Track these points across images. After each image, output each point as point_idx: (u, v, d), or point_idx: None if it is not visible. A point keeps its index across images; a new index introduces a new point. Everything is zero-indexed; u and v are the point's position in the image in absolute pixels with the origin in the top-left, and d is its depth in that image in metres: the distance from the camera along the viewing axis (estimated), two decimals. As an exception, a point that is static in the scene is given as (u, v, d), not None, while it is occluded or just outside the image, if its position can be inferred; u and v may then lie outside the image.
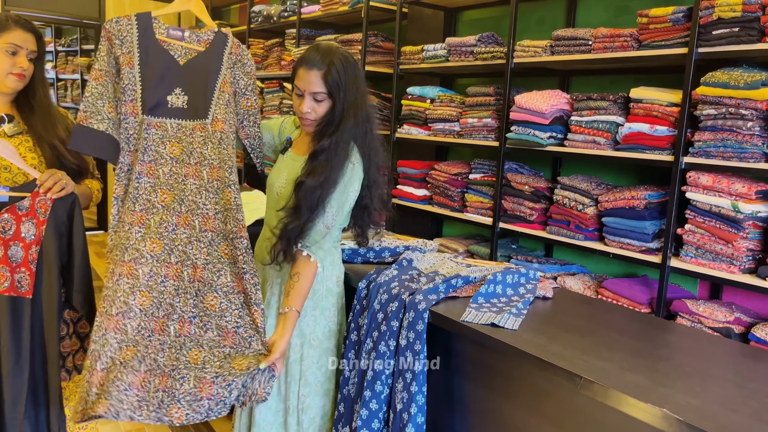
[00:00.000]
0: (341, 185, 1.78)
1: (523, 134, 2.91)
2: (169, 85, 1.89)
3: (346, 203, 1.81)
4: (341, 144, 1.77)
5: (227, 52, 1.94)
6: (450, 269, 1.96)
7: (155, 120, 1.87)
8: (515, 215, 3.04)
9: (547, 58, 2.86)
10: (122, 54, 1.84)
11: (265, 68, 5.15)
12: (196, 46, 1.93)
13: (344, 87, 1.76)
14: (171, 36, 1.90)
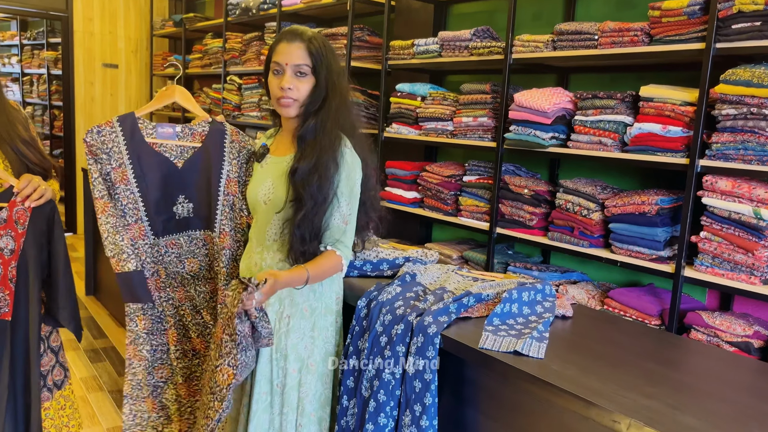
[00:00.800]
0: (344, 171, 1.62)
1: (522, 134, 2.74)
2: (172, 194, 1.77)
3: (354, 191, 1.65)
4: (328, 123, 1.62)
5: (228, 141, 1.80)
6: (457, 284, 1.78)
7: (170, 239, 1.78)
8: (513, 220, 2.87)
9: (549, 53, 2.69)
10: (113, 169, 1.68)
11: (243, 63, 4.92)
12: (191, 142, 1.76)
13: (327, 63, 1.62)
14: (162, 136, 1.72)
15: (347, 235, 1.62)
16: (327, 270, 1.60)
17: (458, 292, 1.71)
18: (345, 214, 1.61)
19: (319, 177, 1.57)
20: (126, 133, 1.69)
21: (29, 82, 8.70)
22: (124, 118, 1.71)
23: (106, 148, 1.67)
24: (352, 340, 1.66)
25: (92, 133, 1.68)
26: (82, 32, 6.27)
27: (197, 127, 1.78)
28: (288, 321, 1.67)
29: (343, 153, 1.61)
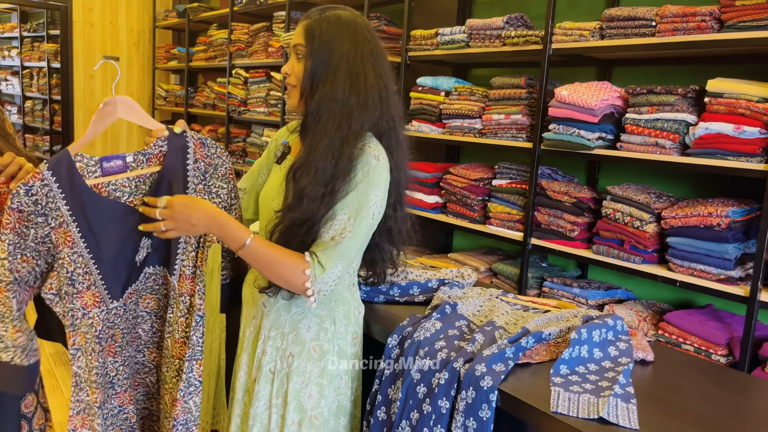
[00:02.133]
0: (361, 180, 1.30)
1: (564, 134, 2.43)
2: (132, 242, 1.40)
3: (366, 211, 1.31)
4: (323, 105, 1.31)
5: (191, 159, 1.43)
6: (507, 317, 1.47)
7: (130, 290, 1.45)
8: (551, 230, 2.56)
9: (596, 42, 2.37)
10: (53, 229, 1.32)
11: (249, 56, 4.61)
12: (147, 169, 1.40)
13: (326, 41, 1.32)
14: (108, 172, 1.36)
15: (330, 256, 1.27)
16: (278, 264, 1.27)
17: (510, 328, 1.40)
18: (338, 230, 1.28)
19: (313, 173, 1.28)
20: (63, 184, 1.32)
21: (29, 76, 8.43)
22: (57, 163, 1.32)
23: (40, 208, 1.32)
24: (381, 387, 1.36)
25: (19, 196, 1.29)
26: (82, 23, 5.99)
27: (153, 149, 1.42)
28: (291, 361, 1.37)
29: (364, 157, 1.31)
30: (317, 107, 1.31)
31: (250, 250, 1.26)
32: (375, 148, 1.33)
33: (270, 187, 1.47)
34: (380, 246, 1.46)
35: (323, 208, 1.28)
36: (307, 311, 1.39)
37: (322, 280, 1.27)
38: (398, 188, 1.41)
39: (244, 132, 4.83)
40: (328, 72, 1.31)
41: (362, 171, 1.30)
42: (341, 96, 1.30)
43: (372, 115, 1.33)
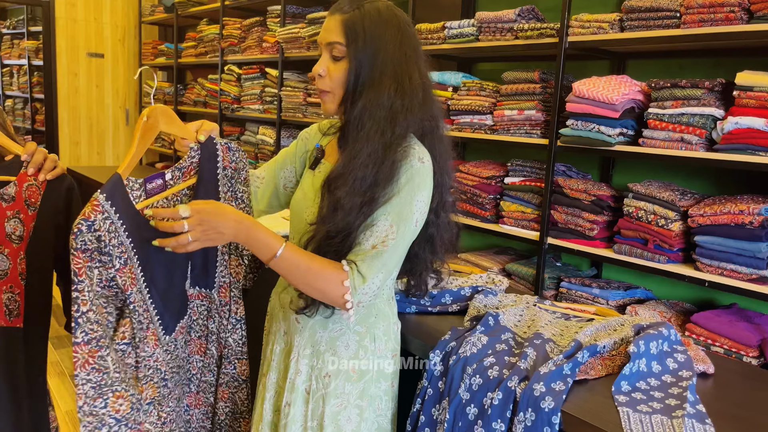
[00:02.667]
0: (405, 184, 1.20)
1: (582, 130, 2.35)
2: (179, 268, 1.31)
3: (410, 217, 1.21)
4: (367, 111, 1.20)
5: (220, 167, 1.35)
6: (551, 327, 1.39)
7: (180, 327, 1.35)
8: (569, 229, 2.48)
9: (615, 35, 2.29)
10: (118, 271, 1.16)
11: (242, 51, 4.48)
12: (183, 184, 1.31)
13: (370, 40, 1.21)
14: (151, 194, 1.24)
15: (371, 266, 1.18)
16: (314, 275, 1.17)
17: (559, 340, 1.31)
18: (379, 238, 1.18)
19: (348, 187, 1.18)
20: (122, 214, 1.16)
21: (9, 74, 8.19)
22: (112, 189, 1.16)
23: (104, 246, 1.14)
24: (423, 407, 1.27)
25: (82, 235, 1.11)
26: (65, 19, 5.80)
27: (186, 162, 1.33)
28: (327, 381, 1.27)
29: (408, 160, 1.21)
30: (360, 114, 1.20)
31: (282, 259, 1.16)
32: (419, 150, 1.24)
33: (302, 194, 1.36)
34: (420, 255, 1.37)
35: (360, 218, 1.19)
36: (345, 328, 1.29)
37: (362, 291, 1.17)
38: (441, 192, 1.31)
39: (238, 130, 4.70)
40: (373, 75, 1.21)
41: (406, 175, 1.20)
42: (386, 101, 1.20)
43: (416, 117, 1.24)
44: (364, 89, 1.21)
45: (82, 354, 1.12)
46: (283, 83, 4.04)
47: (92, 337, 1.12)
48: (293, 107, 3.97)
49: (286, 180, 1.49)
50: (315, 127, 1.50)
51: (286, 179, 1.49)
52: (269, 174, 1.51)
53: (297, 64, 4.08)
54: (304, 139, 1.49)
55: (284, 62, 4.06)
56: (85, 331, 1.11)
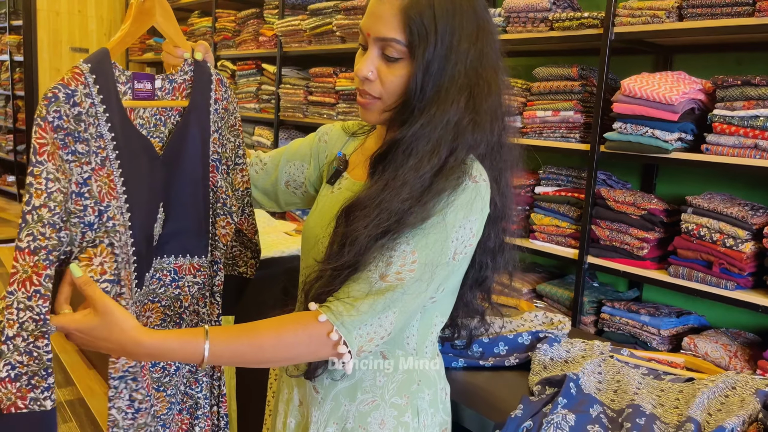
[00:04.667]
0: (447, 205, 0.89)
1: (633, 134, 2.04)
2: (152, 207, 1.03)
3: (445, 246, 0.89)
4: (424, 130, 0.89)
5: (212, 100, 1.11)
6: (646, 392, 1.07)
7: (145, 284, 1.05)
8: (614, 247, 2.17)
9: (672, 25, 1.99)
10: (93, 171, 0.90)
11: (237, 46, 4.15)
12: (171, 102, 1.05)
13: (442, 37, 0.88)
14: (138, 96, 1.02)
15: (373, 300, 0.85)
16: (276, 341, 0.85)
17: (666, 415, 1.00)
18: (392, 266, 0.86)
19: (369, 220, 0.87)
20: (105, 98, 0.93)
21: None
22: (98, 63, 0.93)
23: (83, 129, 0.89)
24: None
25: (58, 103, 0.86)
26: (47, 11, 5.45)
27: (179, 75, 1.08)
28: None
29: (455, 176, 0.89)
30: (416, 135, 0.88)
31: (218, 355, 0.84)
32: (473, 167, 0.92)
33: (319, 217, 1.04)
34: (470, 302, 1.05)
35: (376, 253, 0.87)
36: (379, 399, 0.97)
37: (357, 324, 0.85)
38: (499, 228, 0.99)
39: (232, 130, 4.37)
40: (441, 84, 0.89)
41: (451, 194, 0.89)
42: (453, 116, 0.89)
43: (483, 136, 0.92)
44: (426, 104, 0.90)
45: (23, 266, 0.81)
46: (281, 80, 3.72)
47: (41, 245, 0.81)
48: (293, 106, 3.65)
49: (290, 177, 1.19)
50: (338, 126, 1.18)
51: (291, 176, 1.19)
52: (272, 162, 1.22)
53: (297, 59, 3.76)
54: (323, 139, 1.17)
55: (283, 57, 3.74)
56: (33, 235, 0.80)
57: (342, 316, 0.84)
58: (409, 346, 0.98)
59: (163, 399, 1.14)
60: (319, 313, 0.85)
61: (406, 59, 0.90)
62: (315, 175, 1.17)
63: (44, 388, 0.85)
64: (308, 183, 1.18)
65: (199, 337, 0.83)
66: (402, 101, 0.92)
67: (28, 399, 0.84)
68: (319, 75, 3.45)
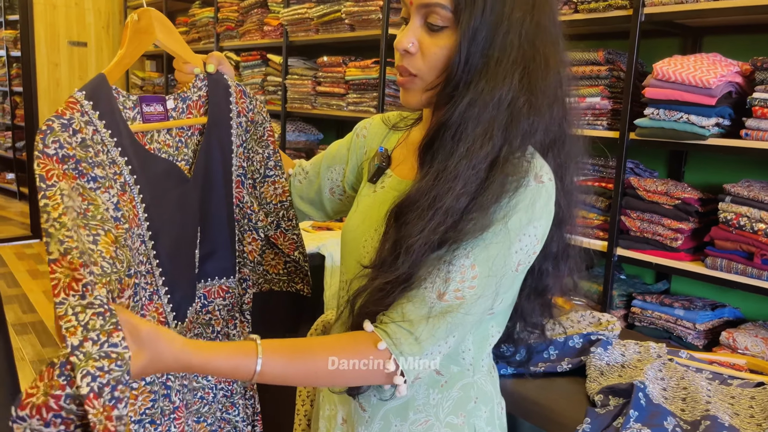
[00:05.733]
0: (509, 211, 0.79)
1: (666, 120, 1.95)
2: (189, 231, 0.98)
3: (508, 260, 0.80)
4: (473, 111, 0.79)
5: (234, 112, 1.06)
6: (718, 400, 0.99)
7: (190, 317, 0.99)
8: (645, 239, 2.08)
9: (707, 4, 1.88)
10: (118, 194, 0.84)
11: (241, 37, 4.04)
12: (187, 120, 0.99)
13: (492, 3, 0.78)
14: (148, 119, 0.95)
15: (434, 327, 0.78)
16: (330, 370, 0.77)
17: (742, 426, 0.92)
18: (451, 283, 0.78)
19: (425, 222, 0.78)
20: (109, 123, 0.87)
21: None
22: (94, 89, 0.87)
23: (93, 154, 0.82)
24: None
25: (54, 134, 0.78)
26: (44, 4, 5.32)
27: (192, 93, 1.02)
28: None
29: (518, 177, 0.80)
30: (464, 115, 0.79)
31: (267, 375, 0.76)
32: (537, 164, 0.83)
33: (360, 219, 0.95)
34: (527, 313, 0.96)
35: (433, 265, 0.78)
36: (433, 418, 0.88)
37: (417, 361, 0.78)
38: (561, 231, 0.90)
39: (237, 123, 4.27)
40: (491, 56, 0.79)
41: (513, 197, 0.79)
42: (506, 95, 0.79)
43: (544, 120, 0.82)
44: (473, 77, 0.80)
45: (62, 272, 0.71)
46: (288, 71, 3.61)
47: (71, 246, 0.72)
48: (300, 97, 3.55)
49: (333, 183, 1.11)
50: (377, 119, 1.08)
51: (333, 182, 1.10)
52: (313, 169, 1.13)
53: (304, 49, 3.65)
54: (361, 134, 1.08)
55: (289, 47, 3.63)
56: (60, 240, 0.72)
57: (401, 346, 0.77)
58: (465, 361, 0.89)
59: (204, 429, 1.08)
60: (378, 340, 0.77)
61: (451, 28, 0.80)
62: (353, 175, 1.08)
63: (126, 400, 0.69)
64: (346, 184, 1.09)
65: (250, 355, 0.75)
66: (445, 77, 0.82)
67: (113, 419, 0.67)
68: (328, 65, 3.35)
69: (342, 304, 0.96)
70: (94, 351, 0.67)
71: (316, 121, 3.86)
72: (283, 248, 1.12)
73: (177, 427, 0.95)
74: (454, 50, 0.80)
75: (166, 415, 0.92)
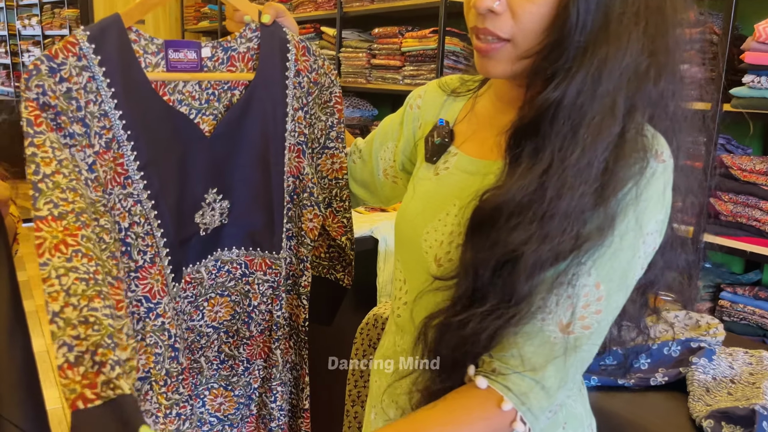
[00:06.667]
0: (631, 204, 0.63)
1: None
2: (194, 190, 0.88)
3: (634, 263, 0.65)
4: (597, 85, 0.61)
5: (291, 70, 0.92)
6: None
7: (186, 277, 0.91)
8: (738, 224, 1.85)
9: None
10: (98, 155, 0.77)
11: (294, 9, 3.91)
12: (228, 74, 0.90)
13: None
14: (175, 67, 0.85)
15: (563, 368, 0.63)
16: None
17: None
18: (575, 310, 0.63)
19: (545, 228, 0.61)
20: (111, 69, 0.78)
21: (51, 44, 7.89)
22: (102, 32, 0.78)
23: (76, 107, 0.75)
24: None
25: (40, 76, 0.72)
26: (102, -18, 5.34)
27: (237, 43, 0.90)
28: None
29: (639, 157, 0.63)
30: (580, 92, 0.61)
31: None
32: (652, 138, 0.65)
33: (420, 204, 0.80)
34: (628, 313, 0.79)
35: (544, 290, 0.63)
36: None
37: (546, 407, 0.63)
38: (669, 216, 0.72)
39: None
40: (611, 12, 0.62)
41: (637, 185, 0.63)
42: (629, 60, 0.62)
43: (668, 87, 0.66)
44: (590, 40, 0.62)
45: (51, 231, 0.66)
46: (342, 44, 3.46)
47: (66, 210, 0.68)
48: (354, 71, 3.39)
49: (386, 163, 0.96)
50: (433, 85, 0.92)
51: (386, 162, 0.96)
52: (367, 148, 1.00)
53: (358, 20, 3.49)
54: (414, 105, 0.92)
55: (343, 19, 3.47)
56: (53, 202, 0.67)
57: (529, 401, 0.62)
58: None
59: (230, 398, 1.01)
60: (500, 399, 0.62)
61: None
62: (405, 153, 0.92)
63: (114, 363, 0.64)
64: (398, 165, 0.94)
65: None
66: (549, 42, 0.64)
67: (98, 385, 0.63)
68: (383, 36, 3.18)
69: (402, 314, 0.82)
70: (73, 317, 0.63)
71: (370, 96, 3.71)
72: (330, 230, 1.01)
73: (185, 387, 0.89)
74: (558, 6, 0.62)
75: (174, 376, 0.86)
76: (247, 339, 0.99)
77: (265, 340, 0.99)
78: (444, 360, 0.66)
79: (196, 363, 0.97)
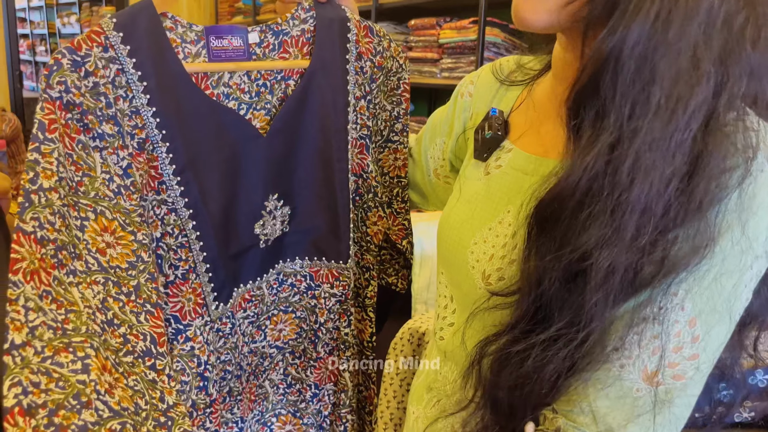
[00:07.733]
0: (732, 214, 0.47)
1: None
2: (250, 196, 0.78)
3: (738, 294, 0.49)
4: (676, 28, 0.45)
5: (353, 53, 0.81)
6: None
7: (245, 293, 0.81)
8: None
9: None
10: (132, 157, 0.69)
11: (328, 1, 3.82)
12: (280, 62, 0.79)
13: None
14: (218, 57, 0.75)
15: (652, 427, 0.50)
16: None
17: None
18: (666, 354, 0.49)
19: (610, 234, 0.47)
20: (142, 61, 0.69)
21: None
22: (132, 20, 0.68)
23: (103, 105, 0.66)
24: None
25: (61, 72, 0.62)
26: (137, -22, 5.35)
27: (290, 26, 0.79)
28: None
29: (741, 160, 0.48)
30: (648, 40, 0.47)
31: None
32: (759, 127, 0.50)
33: (467, 208, 0.68)
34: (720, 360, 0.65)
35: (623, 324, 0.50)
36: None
37: None
38: None
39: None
40: None
41: (744, 190, 0.48)
42: (715, 4, 0.47)
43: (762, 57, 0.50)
44: None
45: (30, 254, 0.58)
46: (377, 36, 3.36)
47: (48, 237, 0.59)
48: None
49: (436, 162, 0.85)
50: (487, 70, 0.79)
51: (436, 161, 0.85)
52: (416, 147, 0.89)
53: (394, 12, 3.39)
54: (466, 93, 0.80)
55: (378, 11, 3.37)
56: (39, 221, 0.59)
57: None
58: None
59: (299, 426, 0.92)
60: None
61: None
62: (455, 148, 0.80)
63: (76, 429, 0.55)
64: (448, 163, 0.83)
65: None
66: None
67: None
68: (420, 27, 3.06)
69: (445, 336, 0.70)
70: (34, 362, 0.55)
71: (406, 91, 3.60)
72: (391, 234, 0.91)
73: (213, 421, 0.80)
74: None
75: (200, 408, 0.77)
76: (314, 360, 0.90)
77: (333, 361, 0.90)
78: (499, 403, 0.54)
79: (260, 388, 0.89)
